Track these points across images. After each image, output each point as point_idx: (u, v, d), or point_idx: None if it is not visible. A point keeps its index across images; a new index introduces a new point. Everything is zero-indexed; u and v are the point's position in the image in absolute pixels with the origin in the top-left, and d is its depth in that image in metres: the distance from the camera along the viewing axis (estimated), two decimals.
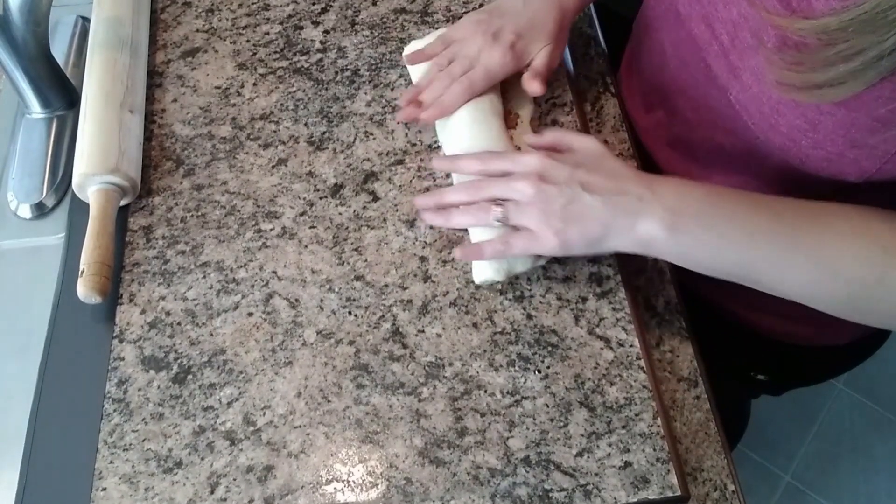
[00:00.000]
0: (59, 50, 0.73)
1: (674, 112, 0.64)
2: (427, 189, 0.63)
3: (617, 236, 0.51)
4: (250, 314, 0.58)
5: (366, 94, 0.69)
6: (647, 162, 0.68)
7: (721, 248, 0.50)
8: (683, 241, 0.50)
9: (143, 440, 0.54)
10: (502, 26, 0.63)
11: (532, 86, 0.63)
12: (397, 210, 0.62)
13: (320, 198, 0.63)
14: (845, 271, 0.49)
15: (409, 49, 0.68)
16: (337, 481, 0.52)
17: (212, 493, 0.52)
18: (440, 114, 0.63)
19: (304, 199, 0.63)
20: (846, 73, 0.44)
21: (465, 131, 0.62)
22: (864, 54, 0.42)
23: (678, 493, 0.51)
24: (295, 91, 0.69)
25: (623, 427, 0.53)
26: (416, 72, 0.67)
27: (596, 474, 0.52)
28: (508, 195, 0.54)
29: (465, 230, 0.61)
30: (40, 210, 0.65)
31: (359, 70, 0.70)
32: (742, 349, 0.78)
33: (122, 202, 0.62)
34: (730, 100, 0.54)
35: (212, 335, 0.57)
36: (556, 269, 0.60)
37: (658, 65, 0.64)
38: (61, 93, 0.68)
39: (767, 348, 0.76)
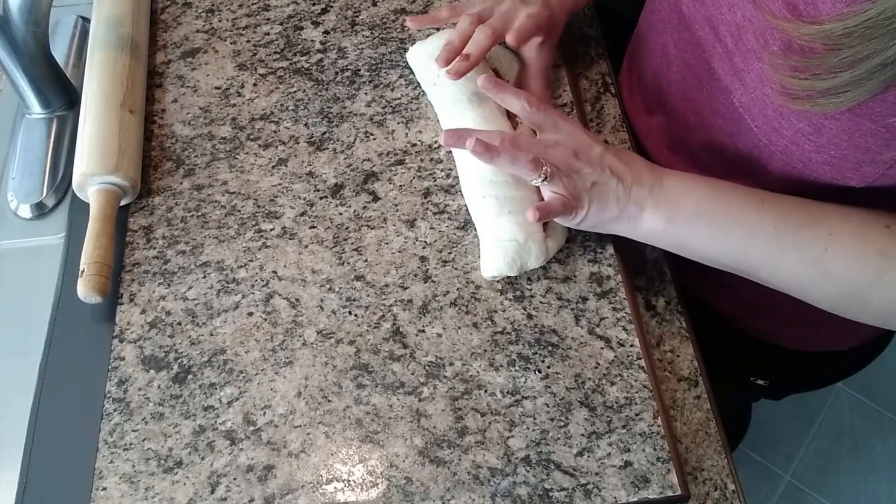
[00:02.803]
0: (59, 50, 0.74)
1: (675, 115, 0.64)
2: (427, 189, 0.63)
3: (624, 222, 0.55)
4: (250, 314, 0.58)
5: (366, 94, 0.69)
6: None
7: (717, 242, 0.54)
8: (681, 233, 0.54)
9: (144, 440, 0.54)
10: None
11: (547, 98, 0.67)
12: (397, 210, 0.62)
13: (320, 198, 0.63)
14: (837, 272, 0.51)
15: (412, 53, 0.68)
16: (337, 481, 0.52)
17: (212, 492, 0.52)
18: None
19: (305, 199, 0.63)
20: (850, 80, 0.43)
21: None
22: (867, 61, 0.42)
23: (678, 492, 0.51)
24: (295, 91, 0.69)
25: (623, 427, 0.53)
26: (420, 70, 0.67)
27: (596, 474, 0.52)
28: (544, 157, 0.55)
29: (465, 230, 0.61)
30: (40, 210, 0.65)
31: (359, 70, 0.70)
32: (742, 353, 0.78)
33: (123, 202, 0.62)
34: (733, 103, 0.54)
35: (212, 335, 0.57)
36: (556, 268, 0.60)
37: (660, 67, 0.64)
38: (61, 93, 0.68)
39: (767, 353, 0.76)
